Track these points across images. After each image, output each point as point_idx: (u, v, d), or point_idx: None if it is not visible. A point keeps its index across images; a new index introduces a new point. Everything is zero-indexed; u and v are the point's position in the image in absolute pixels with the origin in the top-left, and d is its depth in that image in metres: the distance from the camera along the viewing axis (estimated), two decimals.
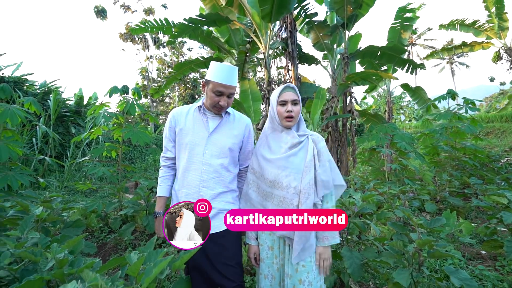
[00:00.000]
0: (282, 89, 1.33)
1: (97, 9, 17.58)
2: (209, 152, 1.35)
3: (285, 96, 1.31)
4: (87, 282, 0.78)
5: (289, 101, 1.30)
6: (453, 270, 1.39)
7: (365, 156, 4.40)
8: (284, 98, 1.31)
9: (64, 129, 7.20)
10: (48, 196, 2.26)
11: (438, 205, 3.73)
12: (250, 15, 5.14)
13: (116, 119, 2.96)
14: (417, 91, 6.73)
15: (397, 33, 6.13)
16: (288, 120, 1.30)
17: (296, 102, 1.31)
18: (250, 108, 5.68)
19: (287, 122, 1.31)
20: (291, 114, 1.29)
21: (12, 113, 2.22)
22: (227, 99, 1.34)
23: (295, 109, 1.30)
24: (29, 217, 1.51)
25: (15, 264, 1.23)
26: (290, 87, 1.33)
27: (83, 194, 5.40)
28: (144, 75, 18.52)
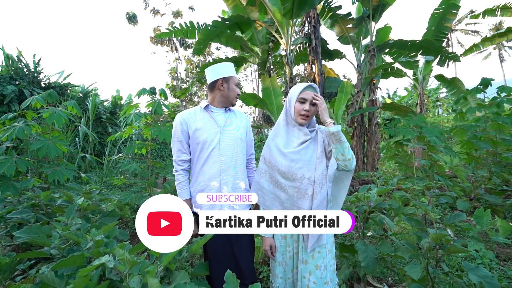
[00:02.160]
0: (305, 87, 1.35)
1: (128, 16, 18.64)
2: (224, 144, 1.49)
3: (306, 94, 1.33)
4: (117, 256, 0.93)
5: (308, 100, 1.33)
6: (472, 267, 1.35)
7: (390, 152, 4.23)
8: (305, 97, 1.33)
9: (102, 129, 7.86)
10: (88, 189, 2.55)
11: (473, 203, 3.50)
12: (272, 13, 5.17)
13: (145, 119, 3.20)
14: (452, 83, 6.27)
15: (438, 20, 5.67)
16: (303, 118, 1.34)
17: (314, 103, 1.34)
18: (273, 105, 5.73)
19: (301, 120, 1.35)
20: (307, 113, 1.33)
21: (58, 115, 2.53)
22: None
23: (312, 109, 1.34)
24: (73, 206, 1.74)
25: (63, 244, 1.44)
26: (313, 86, 1.36)
27: (119, 189, 5.88)
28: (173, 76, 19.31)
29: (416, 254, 1.50)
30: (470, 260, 2.15)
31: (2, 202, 2.25)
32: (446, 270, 1.44)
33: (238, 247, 1.46)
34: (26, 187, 2.38)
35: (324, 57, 6.37)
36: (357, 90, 5.78)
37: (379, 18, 5.53)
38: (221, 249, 1.46)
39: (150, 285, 0.82)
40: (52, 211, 2.20)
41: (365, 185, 2.23)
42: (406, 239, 1.48)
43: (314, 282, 1.28)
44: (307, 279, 1.30)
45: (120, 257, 0.91)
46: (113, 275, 1.09)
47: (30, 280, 1.63)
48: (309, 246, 1.28)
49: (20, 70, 6.20)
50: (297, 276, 1.37)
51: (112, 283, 1.11)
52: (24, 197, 2.35)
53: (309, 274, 1.30)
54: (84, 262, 1.15)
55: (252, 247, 1.56)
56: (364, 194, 1.83)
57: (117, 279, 1.08)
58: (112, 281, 1.09)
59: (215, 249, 1.45)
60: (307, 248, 1.29)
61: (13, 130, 2.35)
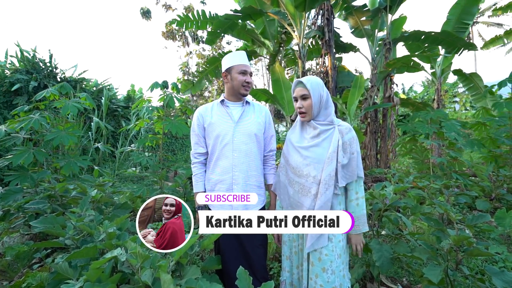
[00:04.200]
0: (293, 86, 1.35)
1: (142, 11, 18.79)
2: (238, 139, 1.46)
3: (295, 92, 1.33)
4: (129, 250, 0.92)
5: (298, 97, 1.31)
6: (497, 271, 1.27)
7: (405, 148, 4.09)
8: (294, 95, 1.34)
9: (116, 123, 8.01)
10: (101, 181, 2.59)
11: (493, 203, 3.35)
12: (284, 5, 5.06)
13: (157, 112, 3.21)
14: (470, 78, 5.99)
15: (460, 10, 5.36)
16: (302, 116, 1.33)
17: (305, 96, 1.29)
18: (283, 99, 5.64)
19: (301, 117, 1.34)
20: (301, 110, 1.31)
21: (72, 106, 2.58)
22: (250, 78, 1.49)
23: (305, 104, 1.30)
24: (87, 197, 1.77)
25: (77, 235, 1.46)
26: (299, 81, 1.32)
27: (131, 181, 5.99)
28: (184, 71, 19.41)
29: (434, 256, 1.44)
30: (491, 263, 2.06)
31: (21, 192, 2.32)
32: (466, 273, 1.37)
33: (249, 242, 1.45)
34: (43, 178, 2.44)
35: (337, 50, 6.20)
36: (371, 85, 5.61)
37: (396, 9, 5.32)
38: (232, 244, 1.45)
39: (163, 281, 0.81)
40: (67, 202, 2.25)
41: (378, 183, 2.16)
42: (425, 239, 1.41)
43: (321, 285, 1.24)
44: (314, 281, 1.27)
45: (132, 250, 0.90)
46: (125, 268, 1.09)
47: (46, 268, 1.67)
48: (307, 245, 1.26)
49: (36, 65, 6.36)
50: (302, 274, 1.35)
51: (124, 275, 1.11)
52: (40, 188, 2.41)
53: (315, 276, 1.27)
54: (97, 254, 1.15)
55: (265, 243, 1.54)
56: (380, 191, 1.77)
57: (129, 271, 1.08)
58: (124, 274, 1.09)
59: (226, 244, 1.45)
60: (307, 248, 1.26)
61: (28, 121, 2.40)
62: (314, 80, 1.31)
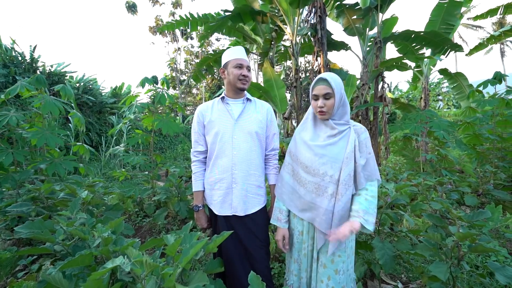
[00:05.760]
0: (315, 82, 1.25)
1: (128, 5, 18.21)
2: (238, 137, 1.40)
3: (317, 90, 1.24)
4: (132, 258, 0.85)
5: (320, 96, 1.23)
6: (498, 266, 1.29)
7: (398, 146, 4.17)
8: (316, 93, 1.25)
9: (103, 120, 7.72)
10: (91, 181, 2.46)
11: (480, 198, 3.46)
12: (277, 1, 5.00)
13: (148, 109, 3.09)
14: (456, 77, 6.18)
15: (443, 11, 5.50)
16: (321, 115, 1.25)
17: (329, 95, 1.22)
18: (276, 97, 5.62)
19: (320, 116, 1.27)
20: (322, 110, 1.23)
21: (53, 104, 2.41)
22: (247, 72, 1.43)
23: (327, 103, 1.22)
24: (77, 199, 1.66)
25: (67, 241, 1.36)
26: (323, 79, 1.23)
27: (118, 181, 5.80)
28: (173, 67, 19.01)
29: (437, 253, 1.44)
30: (483, 258, 2.11)
31: (1, 195, 2.16)
32: (467, 269, 1.39)
33: (252, 244, 1.40)
34: (25, 179, 2.28)
35: (329, 48, 6.22)
36: (362, 83, 5.67)
37: (386, 8, 5.38)
38: (234, 245, 1.40)
39: None
40: (54, 204, 2.12)
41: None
42: (429, 237, 1.41)
43: (333, 287, 1.22)
44: (325, 284, 1.23)
45: (135, 258, 0.83)
46: (125, 276, 1.02)
47: (33, 276, 1.56)
48: (329, 252, 1.21)
49: (15, 58, 6.00)
50: (311, 275, 1.30)
51: (123, 284, 1.03)
52: (23, 189, 2.26)
53: (327, 279, 1.23)
54: (92, 262, 1.07)
55: (267, 243, 1.49)
56: (381, 190, 1.76)
57: (129, 279, 1.01)
58: (123, 282, 1.02)
59: (229, 246, 1.40)
60: (328, 254, 1.22)
61: (4, 118, 2.22)
62: (337, 78, 1.24)
